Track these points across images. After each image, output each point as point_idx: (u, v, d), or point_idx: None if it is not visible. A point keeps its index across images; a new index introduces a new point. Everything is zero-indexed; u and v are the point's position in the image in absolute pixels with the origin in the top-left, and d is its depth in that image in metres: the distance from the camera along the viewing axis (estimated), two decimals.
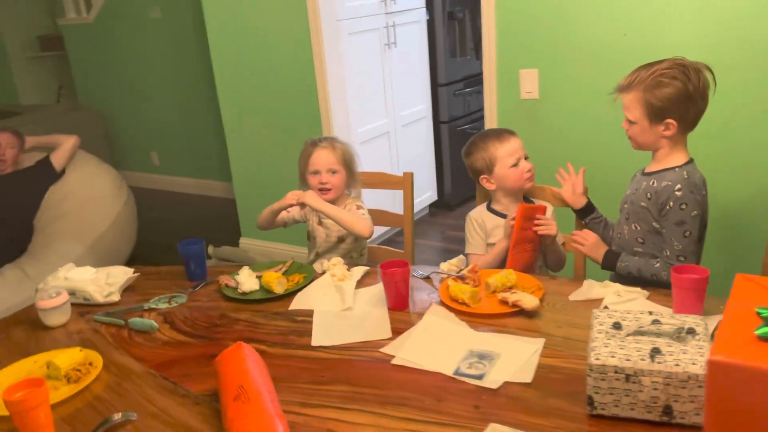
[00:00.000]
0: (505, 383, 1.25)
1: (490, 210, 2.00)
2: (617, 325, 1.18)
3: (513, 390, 1.24)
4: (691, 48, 2.20)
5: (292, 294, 1.73)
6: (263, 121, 3.50)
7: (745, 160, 2.26)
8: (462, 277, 1.67)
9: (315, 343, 1.48)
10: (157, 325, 1.61)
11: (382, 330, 1.50)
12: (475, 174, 1.99)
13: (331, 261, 1.85)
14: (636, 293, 1.52)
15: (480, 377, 1.27)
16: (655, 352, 1.08)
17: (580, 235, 1.82)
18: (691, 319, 1.18)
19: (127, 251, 3.57)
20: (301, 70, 3.26)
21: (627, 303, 1.49)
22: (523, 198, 2.01)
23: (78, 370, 1.40)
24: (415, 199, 3.96)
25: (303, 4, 3.12)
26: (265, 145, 3.54)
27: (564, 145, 2.59)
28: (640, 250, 1.75)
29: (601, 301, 1.52)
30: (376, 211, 2.28)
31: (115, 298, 1.79)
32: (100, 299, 1.77)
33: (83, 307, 1.76)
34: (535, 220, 1.84)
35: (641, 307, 1.47)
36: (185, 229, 4.38)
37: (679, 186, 1.63)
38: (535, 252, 1.91)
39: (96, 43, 5.25)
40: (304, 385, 1.32)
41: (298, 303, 1.69)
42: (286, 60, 3.29)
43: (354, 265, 1.86)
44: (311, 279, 1.80)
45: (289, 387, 1.31)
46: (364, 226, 2.00)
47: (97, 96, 5.48)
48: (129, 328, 1.63)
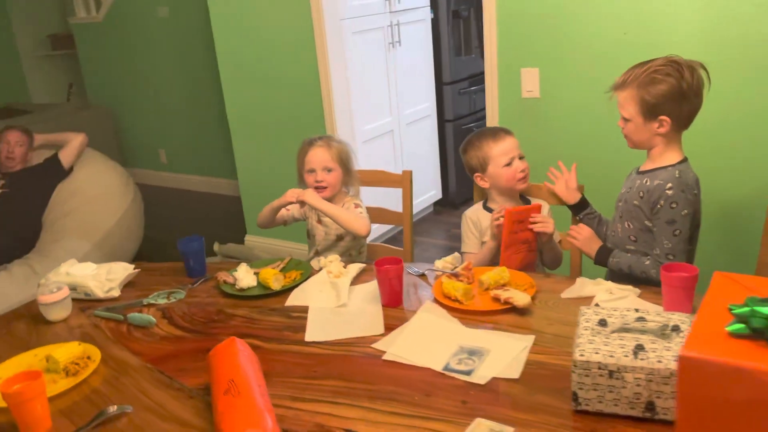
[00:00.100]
0: (493, 379, 1.27)
1: (486, 208, 2.01)
2: (603, 322, 1.19)
3: (501, 386, 1.25)
4: (691, 47, 2.20)
5: (289, 290, 1.75)
6: (268, 120, 3.53)
7: (745, 159, 2.26)
8: (456, 275, 1.68)
9: (309, 338, 1.51)
10: (155, 320, 1.64)
11: (376, 326, 1.52)
12: (470, 171, 2.00)
13: (328, 258, 1.87)
14: (627, 291, 1.53)
15: (468, 373, 1.29)
16: (638, 349, 1.09)
17: (575, 228, 1.83)
18: (676, 316, 1.19)
19: (133, 248, 3.60)
20: (305, 68, 3.28)
21: (618, 301, 1.50)
22: (520, 197, 2.02)
23: (76, 364, 1.43)
24: (419, 198, 4.05)
25: (307, 4, 3.14)
26: (270, 143, 3.56)
27: (565, 143, 2.59)
28: (632, 248, 1.75)
29: (593, 298, 1.53)
30: (377, 209, 2.29)
31: (116, 293, 1.82)
32: (101, 294, 1.80)
33: (84, 302, 1.79)
34: (530, 219, 1.85)
35: (632, 305, 1.48)
36: (192, 227, 4.39)
37: (670, 185, 1.63)
38: (532, 252, 1.92)
39: (105, 41, 5.31)
40: (297, 379, 1.34)
41: (295, 299, 1.71)
42: (290, 59, 3.32)
43: (353, 263, 1.88)
44: (308, 276, 1.82)
45: (282, 381, 1.33)
46: (361, 225, 2.02)
47: (106, 94, 5.53)
48: (128, 323, 1.65)
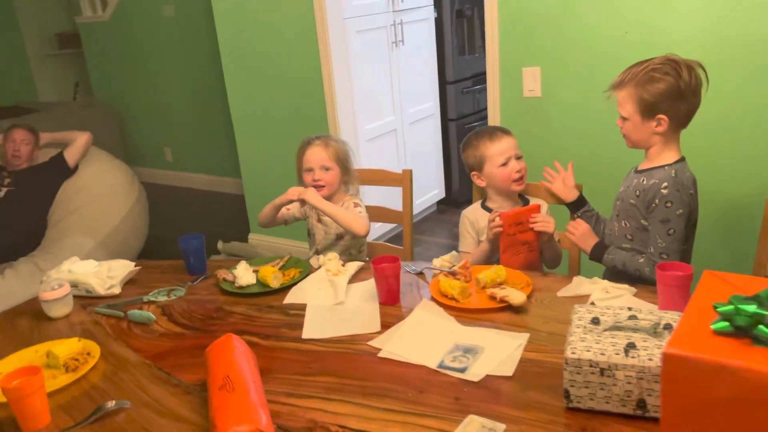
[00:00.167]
0: (486, 376, 1.27)
1: (484, 207, 2.01)
2: (596, 320, 1.20)
3: (494, 383, 1.26)
4: (691, 46, 2.20)
5: (288, 288, 1.76)
6: (271, 119, 3.55)
7: (744, 159, 2.26)
8: (453, 273, 1.69)
9: (306, 335, 1.52)
10: (154, 317, 1.66)
11: (372, 324, 1.53)
12: (468, 170, 2.01)
13: (326, 256, 1.88)
14: (623, 290, 1.53)
15: (462, 370, 1.30)
16: (630, 347, 1.10)
17: (572, 224, 1.84)
18: (669, 315, 1.19)
19: (138, 246, 3.63)
20: (308, 68, 3.30)
21: (613, 299, 1.50)
22: (519, 196, 2.02)
23: (76, 360, 1.44)
24: (422, 197, 4.06)
25: (310, 3, 3.15)
26: (273, 142, 3.58)
27: (566, 142, 2.60)
28: (628, 246, 1.75)
29: (589, 297, 1.54)
30: (377, 208, 2.30)
31: (116, 290, 1.84)
32: (102, 291, 1.82)
33: (85, 299, 1.81)
34: (531, 218, 1.86)
35: (627, 303, 1.48)
36: (196, 225, 4.42)
37: (666, 184, 1.63)
38: (532, 252, 1.91)
39: (111, 40, 5.34)
40: (293, 376, 1.35)
41: (293, 297, 1.72)
42: (294, 58, 3.33)
43: (352, 261, 1.89)
44: (307, 274, 1.83)
45: (278, 378, 1.34)
46: (360, 224, 2.02)
47: (112, 93, 5.56)
48: (128, 320, 1.67)
